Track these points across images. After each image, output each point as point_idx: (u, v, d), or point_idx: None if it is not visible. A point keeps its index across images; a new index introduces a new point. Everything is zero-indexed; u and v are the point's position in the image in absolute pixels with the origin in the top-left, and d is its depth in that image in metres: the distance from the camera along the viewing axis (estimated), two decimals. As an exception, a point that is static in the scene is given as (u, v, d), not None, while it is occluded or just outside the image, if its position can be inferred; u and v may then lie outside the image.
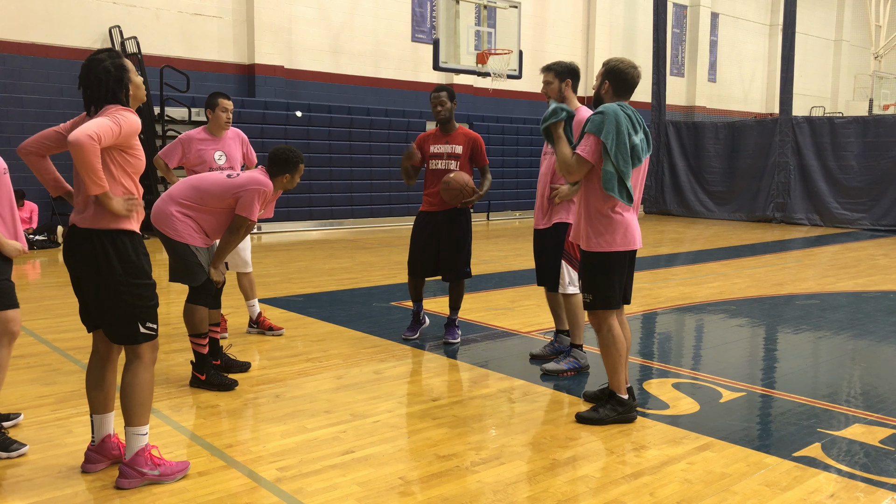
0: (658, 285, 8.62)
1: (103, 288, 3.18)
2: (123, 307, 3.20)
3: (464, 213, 5.76)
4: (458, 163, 5.68)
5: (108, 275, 3.16)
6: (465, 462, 3.54)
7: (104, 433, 3.40)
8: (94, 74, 3.17)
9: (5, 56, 12.18)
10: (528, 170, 18.37)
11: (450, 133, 5.75)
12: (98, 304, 3.24)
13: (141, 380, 3.25)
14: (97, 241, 3.16)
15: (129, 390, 3.23)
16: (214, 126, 5.77)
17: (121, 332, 3.25)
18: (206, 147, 5.72)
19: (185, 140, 5.75)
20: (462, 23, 13.41)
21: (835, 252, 12.41)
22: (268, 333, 6.01)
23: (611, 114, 3.96)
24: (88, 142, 2.95)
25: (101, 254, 3.16)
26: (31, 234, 11.48)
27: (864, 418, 4.21)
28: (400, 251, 11.63)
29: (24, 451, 3.57)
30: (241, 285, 6.06)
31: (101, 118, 3.08)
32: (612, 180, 3.96)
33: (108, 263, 3.16)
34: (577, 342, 5.10)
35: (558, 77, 4.92)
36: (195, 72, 13.77)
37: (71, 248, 3.24)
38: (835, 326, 6.62)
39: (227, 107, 5.75)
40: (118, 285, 3.17)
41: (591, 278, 4.13)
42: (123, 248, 3.19)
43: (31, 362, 5.14)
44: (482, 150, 5.73)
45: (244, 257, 6.00)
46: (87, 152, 2.96)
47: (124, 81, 3.22)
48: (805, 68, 27.21)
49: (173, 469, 3.28)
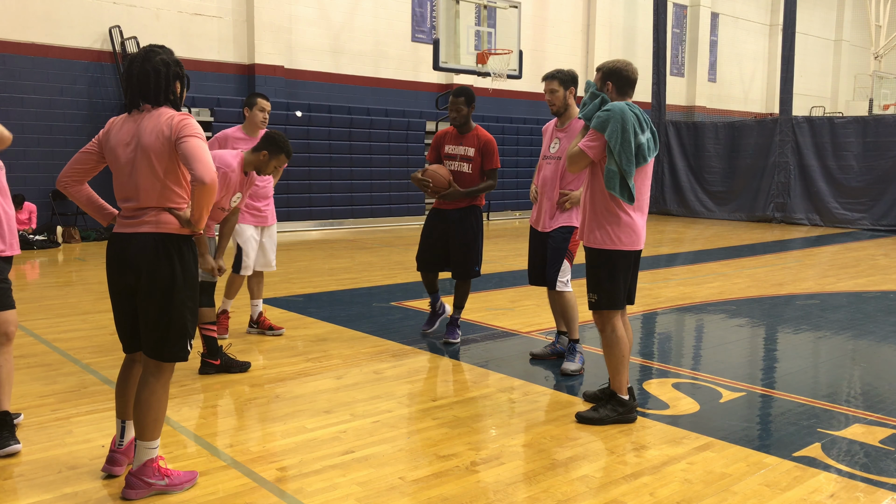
0: (658, 285, 8.62)
1: (167, 298, 3.07)
2: (179, 320, 3.11)
3: (474, 212, 5.76)
4: (470, 165, 5.68)
5: (172, 283, 3.07)
6: (465, 462, 3.54)
7: (131, 436, 3.35)
8: (151, 66, 3.09)
9: (5, 56, 12.18)
10: (528, 170, 18.36)
11: (465, 135, 5.75)
12: (153, 316, 3.10)
13: (159, 396, 3.15)
14: (163, 248, 3.07)
15: (145, 406, 3.13)
16: (251, 125, 5.78)
17: (170, 349, 3.13)
18: (243, 146, 5.66)
19: (221, 138, 5.75)
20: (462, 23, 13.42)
21: (835, 252, 12.41)
22: (268, 333, 6.01)
23: (617, 112, 3.95)
24: (217, 179, 3.00)
25: (165, 261, 3.06)
26: (31, 235, 11.48)
27: (864, 418, 4.21)
28: (400, 251, 11.63)
29: (10, 450, 3.53)
30: (249, 284, 6.07)
31: (196, 141, 3.01)
32: (615, 179, 3.96)
33: (172, 271, 3.07)
34: (575, 337, 5.14)
35: (563, 85, 4.97)
36: (195, 72, 13.77)
37: (125, 256, 3.10)
38: (835, 326, 6.62)
39: (264, 106, 5.77)
40: (182, 295, 3.09)
41: (596, 278, 4.13)
42: (187, 255, 3.14)
43: (31, 362, 5.14)
44: (491, 153, 5.68)
45: (269, 258, 6.04)
46: (216, 191, 3.01)
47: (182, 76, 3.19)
48: (805, 68, 27.21)
49: (181, 479, 3.22)
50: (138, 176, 3.09)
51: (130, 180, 3.11)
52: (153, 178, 3.08)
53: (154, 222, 3.08)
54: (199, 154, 2.99)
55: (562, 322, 5.34)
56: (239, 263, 5.87)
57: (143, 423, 3.13)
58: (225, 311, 5.90)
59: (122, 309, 3.22)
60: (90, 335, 5.93)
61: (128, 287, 3.14)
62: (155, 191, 3.09)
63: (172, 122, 3.05)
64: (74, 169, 3.29)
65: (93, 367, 5.00)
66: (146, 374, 3.17)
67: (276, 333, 6.00)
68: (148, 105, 3.13)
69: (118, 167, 3.16)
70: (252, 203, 5.85)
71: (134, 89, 3.13)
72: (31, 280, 8.85)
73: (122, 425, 3.34)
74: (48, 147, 12.49)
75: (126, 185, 3.13)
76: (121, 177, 3.15)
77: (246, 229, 5.84)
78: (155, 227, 3.08)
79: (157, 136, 3.05)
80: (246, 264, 5.86)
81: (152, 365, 3.16)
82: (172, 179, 3.10)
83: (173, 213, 3.10)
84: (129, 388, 3.31)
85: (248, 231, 5.86)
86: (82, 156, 3.29)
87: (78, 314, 6.66)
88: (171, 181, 3.10)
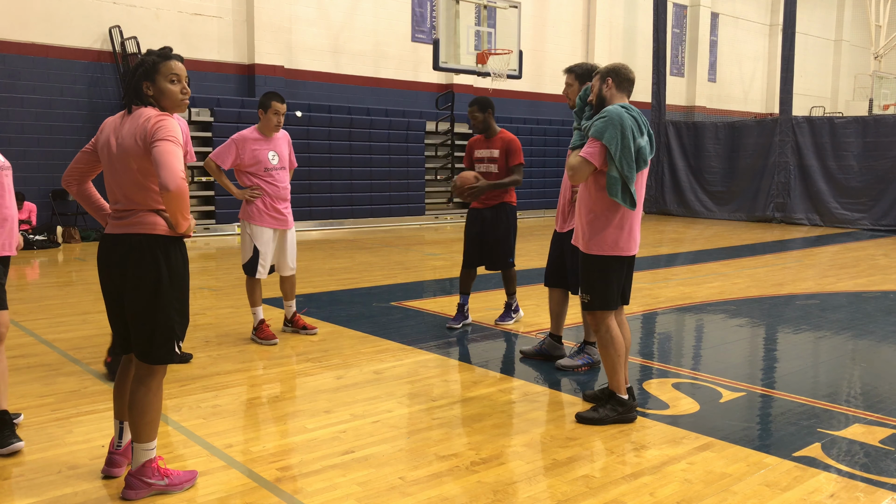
0: (658, 285, 8.62)
1: (152, 299, 3.05)
2: (165, 322, 3.08)
3: (505, 208, 6.26)
4: (497, 165, 6.16)
5: (158, 285, 3.04)
6: (465, 462, 3.54)
7: (130, 437, 3.34)
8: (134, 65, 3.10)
9: (5, 56, 12.18)
10: (528, 170, 18.36)
11: (491, 138, 6.27)
12: (139, 318, 3.08)
13: (153, 398, 3.14)
14: (148, 249, 3.05)
15: (140, 408, 3.11)
16: (266, 127, 5.72)
17: (156, 351, 3.11)
18: (261, 147, 5.68)
19: (238, 140, 5.66)
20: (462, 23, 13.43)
21: (835, 252, 12.41)
22: (301, 332, 6.03)
23: (615, 117, 3.92)
24: (184, 185, 2.90)
25: (150, 262, 3.04)
26: (31, 234, 11.48)
27: (864, 418, 4.21)
28: (400, 251, 11.64)
29: (12, 448, 3.56)
30: (281, 287, 6.03)
31: (165, 146, 2.93)
32: (616, 186, 3.94)
33: (158, 272, 3.04)
34: (592, 339, 5.14)
35: (578, 80, 4.96)
36: (195, 72, 13.77)
37: (113, 257, 3.09)
38: (835, 326, 6.62)
39: (278, 109, 5.68)
40: (168, 297, 3.07)
41: (589, 279, 4.13)
42: (174, 256, 3.11)
43: (31, 362, 5.14)
44: (514, 150, 6.14)
45: (290, 263, 5.94)
46: (185, 197, 2.95)
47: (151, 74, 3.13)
48: (805, 68, 27.21)
49: (181, 479, 3.22)
50: (121, 177, 3.08)
51: (115, 181, 3.11)
52: (134, 180, 3.06)
53: (141, 223, 3.07)
54: (165, 160, 2.91)
55: (557, 326, 5.37)
56: (254, 267, 5.75)
57: (138, 426, 3.12)
58: (262, 321, 5.80)
59: (114, 310, 3.21)
60: (90, 335, 5.93)
61: (116, 288, 3.13)
62: (139, 192, 3.07)
63: (148, 125, 3.01)
64: (75, 168, 3.30)
65: (93, 367, 5.00)
66: (138, 377, 3.15)
67: (310, 333, 6.00)
68: (135, 105, 3.13)
69: (106, 168, 3.17)
70: (273, 205, 5.73)
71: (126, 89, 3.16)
72: (30, 280, 8.85)
73: (120, 426, 3.34)
74: (48, 147, 12.49)
75: (112, 186, 3.14)
76: (108, 178, 3.15)
77: (265, 232, 5.73)
78: (142, 228, 3.06)
79: (135, 138, 3.03)
80: (262, 266, 5.76)
81: (143, 368, 3.15)
82: (154, 181, 3.06)
83: (161, 214, 3.08)
84: (126, 389, 3.31)
85: (268, 234, 5.75)
86: (82, 155, 3.30)
87: (78, 314, 6.66)
88: (152, 182, 3.06)
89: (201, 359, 5.26)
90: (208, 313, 6.76)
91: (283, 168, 5.79)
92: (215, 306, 6.88)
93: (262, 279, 5.80)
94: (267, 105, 5.66)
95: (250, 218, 5.70)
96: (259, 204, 5.68)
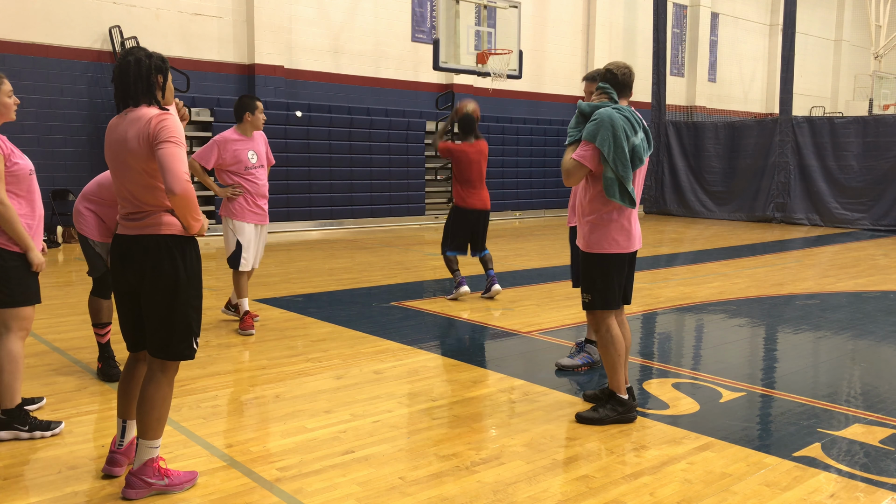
0: (658, 285, 8.62)
1: (170, 298, 3.08)
2: (183, 319, 3.11)
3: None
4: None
5: (176, 284, 3.07)
6: (465, 462, 3.54)
7: (132, 436, 3.36)
8: (133, 58, 3.09)
9: (5, 56, 12.18)
10: (528, 170, 18.37)
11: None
12: (158, 316, 3.10)
13: (164, 394, 3.15)
14: (165, 250, 3.07)
15: (149, 404, 3.12)
16: (249, 127, 6.02)
17: (175, 347, 3.13)
18: (241, 147, 5.98)
19: (220, 141, 5.94)
20: (462, 23, 13.40)
21: (835, 252, 12.41)
22: (239, 331, 6.02)
23: (605, 119, 3.93)
24: (190, 188, 2.97)
25: (168, 262, 3.06)
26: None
27: (864, 418, 4.21)
28: (400, 251, 11.63)
29: (60, 429, 3.82)
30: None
31: (170, 148, 2.96)
32: (613, 186, 3.96)
33: (176, 272, 3.07)
34: (592, 338, 5.14)
35: None
36: (195, 72, 13.77)
37: (129, 258, 3.11)
38: (835, 326, 6.62)
39: (262, 108, 6.06)
40: (186, 295, 3.10)
41: (590, 278, 4.13)
42: (190, 255, 3.14)
43: (31, 362, 5.14)
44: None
45: (259, 257, 6.30)
46: (192, 199, 3.00)
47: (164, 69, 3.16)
48: (805, 68, 27.20)
49: (181, 479, 3.22)
50: (128, 178, 3.08)
51: (123, 183, 3.11)
52: (143, 181, 3.06)
53: (157, 224, 3.08)
54: (169, 163, 2.93)
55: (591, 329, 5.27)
56: (237, 260, 6.03)
57: (146, 422, 3.13)
58: (248, 312, 6.06)
59: (126, 309, 3.22)
60: (90, 335, 5.92)
61: (131, 287, 3.15)
62: (147, 192, 3.07)
63: (150, 126, 3.01)
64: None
65: (93, 368, 5.00)
66: (151, 372, 3.17)
67: (245, 333, 5.98)
68: (131, 105, 3.11)
69: (112, 169, 3.17)
70: (254, 201, 6.05)
71: (117, 87, 3.12)
72: (31, 280, 8.84)
73: (122, 425, 3.34)
74: (48, 147, 12.48)
75: (120, 187, 3.14)
76: (115, 179, 3.16)
77: (247, 227, 6.04)
78: (157, 230, 3.07)
79: (139, 139, 3.02)
80: (245, 258, 6.04)
81: (157, 363, 3.17)
82: (161, 180, 3.06)
83: (175, 215, 3.10)
84: (131, 388, 3.31)
85: (249, 229, 6.06)
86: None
87: (78, 314, 6.65)
88: (160, 182, 3.06)
89: (201, 359, 5.26)
90: (208, 313, 6.75)
91: (261, 166, 6.11)
92: (215, 306, 6.88)
93: (246, 271, 6.08)
94: (253, 107, 5.98)
95: (233, 214, 6.00)
96: (241, 201, 5.99)
